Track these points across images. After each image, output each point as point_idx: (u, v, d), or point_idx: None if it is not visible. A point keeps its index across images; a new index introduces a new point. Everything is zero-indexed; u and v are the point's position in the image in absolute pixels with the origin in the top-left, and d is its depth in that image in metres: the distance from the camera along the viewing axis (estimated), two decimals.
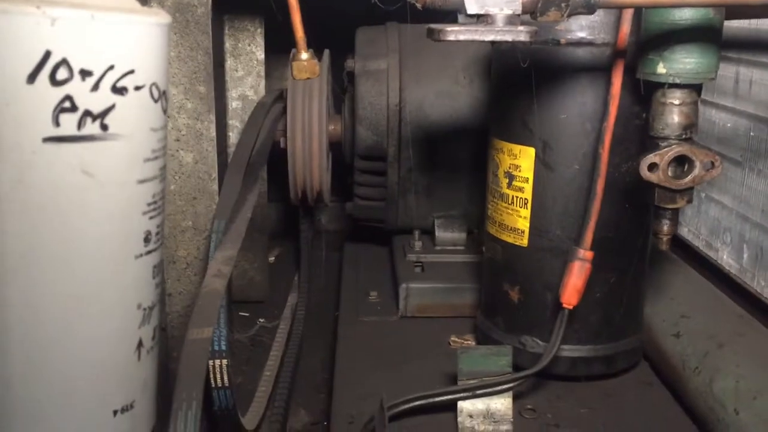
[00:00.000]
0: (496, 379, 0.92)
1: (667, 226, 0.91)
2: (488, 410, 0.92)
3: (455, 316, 1.22)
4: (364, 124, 1.32)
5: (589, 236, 0.93)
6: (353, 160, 1.38)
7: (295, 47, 0.84)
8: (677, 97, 0.84)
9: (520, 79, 0.98)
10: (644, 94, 0.87)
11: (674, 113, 0.85)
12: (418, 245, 1.36)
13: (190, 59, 1.08)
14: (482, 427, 0.92)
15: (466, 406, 0.92)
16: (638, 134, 0.95)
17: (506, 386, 0.92)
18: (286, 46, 1.36)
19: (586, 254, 0.93)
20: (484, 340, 1.09)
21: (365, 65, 1.33)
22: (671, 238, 0.92)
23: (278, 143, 1.34)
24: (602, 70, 0.92)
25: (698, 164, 0.85)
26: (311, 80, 1.32)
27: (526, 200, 1.00)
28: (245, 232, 0.90)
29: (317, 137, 1.31)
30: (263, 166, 1.08)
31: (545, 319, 1.00)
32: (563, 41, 0.94)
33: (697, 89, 0.86)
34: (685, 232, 1.47)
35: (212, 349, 0.88)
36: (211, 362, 0.88)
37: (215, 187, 1.13)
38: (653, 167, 0.85)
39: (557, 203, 0.98)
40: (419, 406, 0.92)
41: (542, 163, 0.98)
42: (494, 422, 0.92)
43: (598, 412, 0.97)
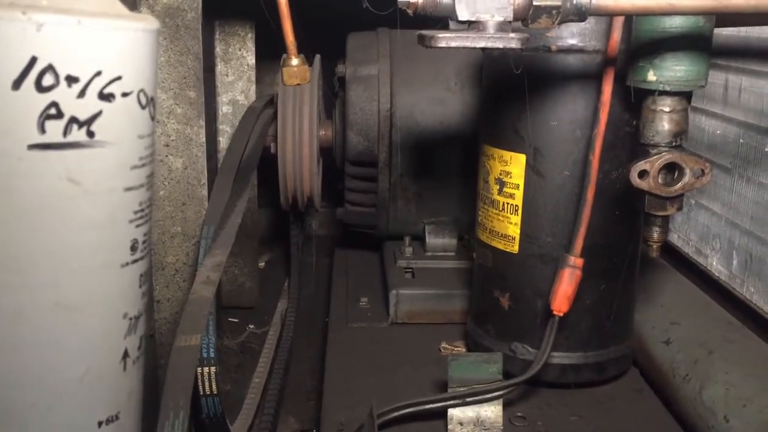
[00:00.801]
0: (486, 386, 0.91)
1: (657, 233, 0.91)
2: (478, 418, 0.92)
3: (446, 322, 1.22)
4: (354, 129, 1.32)
5: (579, 243, 0.93)
6: (344, 165, 1.38)
7: (285, 53, 0.83)
8: (667, 104, 0.84)
9: (511, 85, 0.98)
10: (634, 101, 0.87)
11: (664, 121, 0.85)
12: (408, 251, 1.36)
13: (179, 64, 1.07)
14: None
15: (456, 413, 0.92)
16: (629, 141, 0.96)
17: (496, 394, 0.92)
18: (277, 51, 1.36)
19: (576, 261, 0.93)
20: (474, 346, 1.09)
21: (356, 71, 1.33)
22: (661, 245, 0.92)
23: (269, 148, 1.33)
24: (593, 77, 0.92)
25: (688, 171, 0.85)
26: (302, 85, 1.32)
27: (516, 207, 1.00)
28: (235, 238, 0.89)
29: (308, 142, 1.30)
30: (253, 171, 1.08)
31: (535, 326, 1.00)
32: (554, 48, 0.94)
33: (687, 97, 0.86)
34: (675, 238, 1.47)
35: (200, 356, 0.87)
36: (199, 370, 0.87)
37: (205, 192, 1.13)
38: (643, 174, 0.85)
39: (548, 210, 0.98)
40: (409, 413, 0.92)
41: (533, 169, 0.98)
42: (484, 430, 0.92)
43: (588, 419, 0.97)
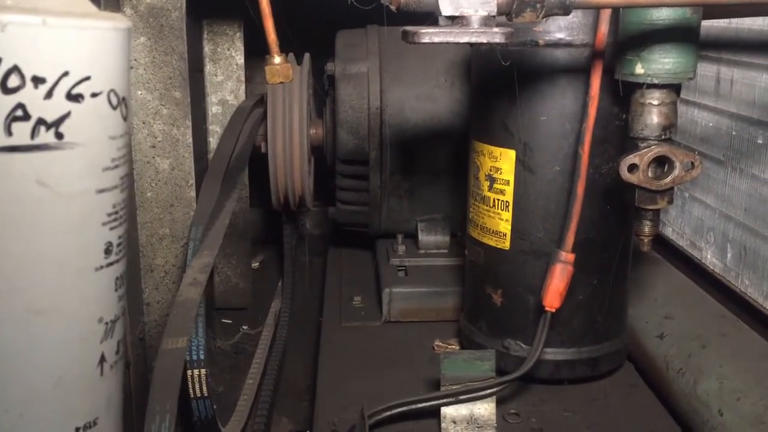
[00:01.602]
0: (479, 384, 0.91)
1: (648, 227, 0.90)
2: (472, 415, 0.91)
3: (439, 320, 1.21)
4: (345, 127, 1.31)
5: (570, 238, 0.92)
6: (335, 164, 1.37)
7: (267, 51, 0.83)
8: (656, 97, 0.84)
9: (499, 81, 0.97)
10: (623, 94, 0.86)
11: (653, 114, 0.84)
12: (401, 249, 1.35)
13: (164, 64, 1.06)
14: None
15: (449, 411, 0.91)
16: (619, 135, 0.95)
17: (490, 391, 0.91)
18: (266, 50, 1.35)
19: (567, 257, 0.92)
20: (467, 344, 1.08)
21: (345, 68, 1.32)
22: (653, 239, 0.91)
23: (259, 148, 1.32)
24: (581, 71, 0.92)
25: (678, 165, 0.85)
26: (291, 84, 1.31)
27: (507, 203, 0.99)
28: (223, 238, 0.88)
29: (298, 141, 1.30)
30: (243, 171, 1.07)
31: (528, 322, 0.99)
32: (542, 42, 0.93)
33: (675, 89, 0.85)
34: (669, 232, 1.47)
35: (190, 358, 0.87)
36: (189, 372, 0.87)
37: (192, 193, 1.12)
38: (633, 168, 0.84)
39: (539, 205, 0.98)
40: (402, 412, 0.91)
41: (523, 165, 0.98)
42: (478, 427, 0.91)
43: (582, 415, 0.96)
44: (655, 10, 0.80)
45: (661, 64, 0.82)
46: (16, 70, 0.47)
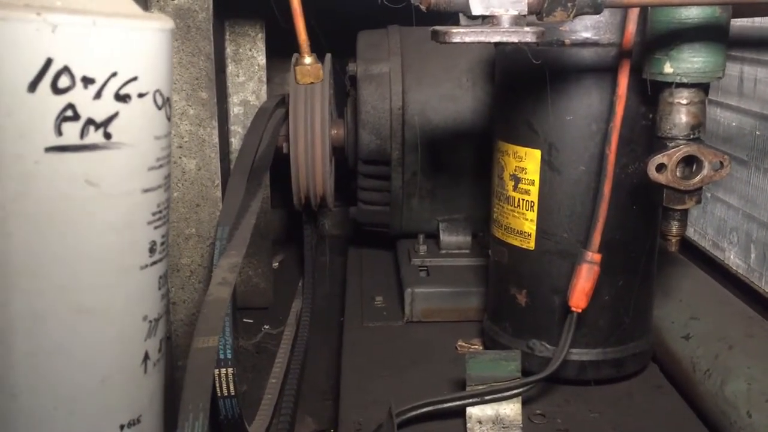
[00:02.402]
0: (505, 384, 0.91)
1: (676, 227, 0.90)
2: (497, 416, 0.91)
3: (461, 320, 1.21)
4: (366, 128, 1.32)
5: (596, 238, 0.92)
6: (356, 164, 1.37)
7: (296, 51, 0.83)
8: (685, 96, 0.83)
9: (525, 80, 0.97)
10: (651, 94, 0.86)
11: (682, 113, 0.84)
12: (422, 249, 1.35)
13: (191, 65, 1.07)
14: None
15: (475, 412, 0.91)
16: (645, 135, 0.94)
17: (515, 391, 0.91)
18: (286, 50, 1.35)
19: (594, 257, 0.92)
20: (491, 344, 1.08)
21: (367, 69, 1.32)
22: (680, 239, 0.91)
23: (281, 148, 1.33)
24: (608, 70, 0.91)
25: (707, 164, 0.84)
26: (313, 85, 1.31)
27: (532, 203, 0.99)
28: (249, 238, 0.89)
29: (320, 142, 1.30)
30: (267, 171, 1.07)
31: (553, 322, 0.99)
32: (568, 42, 0.93)
33: (704, 88, 0.85)
34: (691, 232, 1.46)
35: (218, 357, 0.87)
36: (216, 371, 0.87)
37: (218, 193, 1.12)
38: (661, 168, 0.84)
39: (564, 205, 0.97)
40: (427, 412, 0.91)
41: (548, 165, 0.97)
42: (504, 428, 0.91)
43: (607, 416, 0.96)
44: (684, 9, 0.80)
45: (690, 63, 0.81)
46: (66, 71, 0.47)
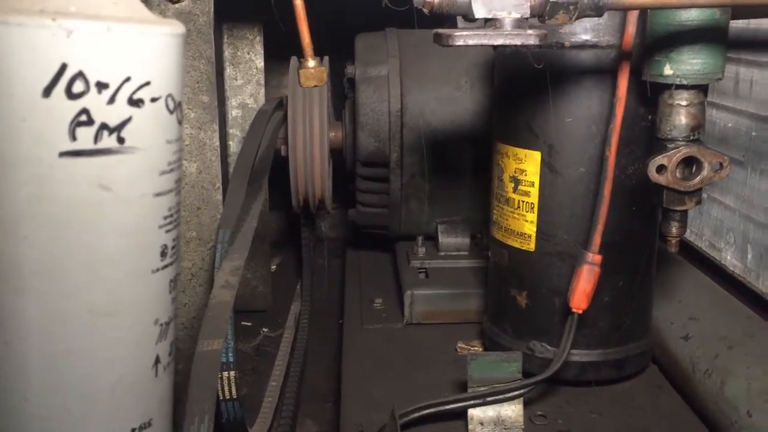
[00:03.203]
0: (506, 385, 0.91)
1: (676, 228, 0.90)
2: (499, 417, 0.91)
3: (461, 322, 1.21)
4: (365, 130, 1.32)
5: (597, 239, 0.92)
6: (355, 166, 1.37)
7: (296, 54, 0.83)
8: (684, 98, 0.84)
9: (524, 82, 0.97)
10: (651, 95, 0.86)
11: (681, 114, 0.84)
12: (421, 251, 1.35)
13: (192, 68, 1.07)
14: None
15: (476, 413, 0.91)
16: (645, 136, 0.95)
17: (517, 393, 0.91)
18: (283, 53, 1.36)
19: (594, 258, 0.92)
20: (491, 346, 1.08)
21: (366, 71, 1.33)
22: (680, 240, 0.91)
23: (279, 151, 1.33)
24: (607, 72, 0.92)
25: (707, 165, 0.85)
26: (312, 89, 1.31)
27: (532, 204, 1.00)
28: (251, 241, 0.89)
29: (318, 144, 1.30)
30: (266, 174, 1.08)
31: (553, 324, 0.99)
32: (567, 44, 0.93)
33: (703, 90, 0.85)
34: (688, 233, 1.46)
35: (221, 361, 0.87)
36: (219, 374, 0.87)
37: (219, 197, 1.12)
38: (661, 169, 0.84)
39: (564, 207, 0.98)
40: (429, 414, 0.92)
41: (548, 166, 0.98)
42: (505, 429, 0.91)
43: (608, 416, 0.96)
44: (684, 11, 0.81)
45: (689, 65, 0.82)
46: (80, 76, 0.47)
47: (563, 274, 0.97)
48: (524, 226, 1.01)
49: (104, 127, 0.48)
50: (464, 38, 0.68)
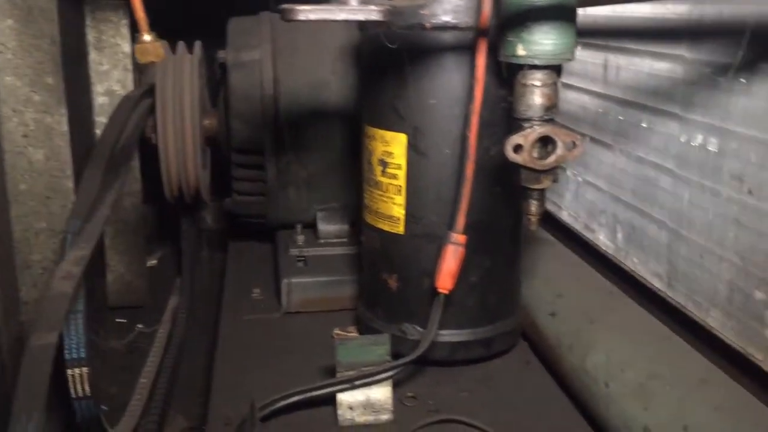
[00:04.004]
0: (374, 368, 0.91)
1: (535, 206, 0.91)
2: (368, 400, 0.91)
3: (340, 309, 1.20)
4: (238, 116, 1.28)
5: (461, 220, 0.93)
6: (230, 154, 1.34)
7: (167, 39, 0.78)
8: (538, 78, 0.85)
9: (388, 65, 0.97)
10: (507, 76, 0.88)
11: (536, 94, 0.85)
12: (300, 239, 1.33)
13: (34, 49, 1.00)
14: (362, 418, 0.91)
15: (345, 398, 0.91)
16: (506, 117, 0.96)
17: (385, 375, 0.91)
18: (162, 37, 1.30)
19: (459, 238, 0.93)
20: (365, 330, 1.08)
21: (238, 56, 1.29)
22: (540, 218, 0.93)
23: (150, 139, 1.28)
24: (468, 53, 0.92)
25: (561, 144, 0.86)
26: (182, 73, 1.27)
27: (400, 187, 0.99)
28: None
29: (190, 132, 1.26)
30: (128, 162, 1.03)
31: (424, 305, 0.99)
32: (428, 26, 0.93)
33: (557, 70, 0.87)
34: (565, 215, 1.51)
35: (70, 357, 0.83)
36: (70, 371, 0.83)
37: (71, 185, 1.06)
38: (518, 148, 0.85)
39: (431, 189, 0.98)
40: (297, 401, 0.90)
41: (414, 149, 0.98)
42: (374, 412, 0.91)
43: (477, 394, 0.97)
44: None
45: (541, 45, 0.83)
46: None
47: (432, 255, 0.97)
48: (393, 208, 1.01)
49: None
50: (305, 13, 0.66)
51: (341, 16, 0.67)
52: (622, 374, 0.90)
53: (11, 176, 1.03)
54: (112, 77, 1.32)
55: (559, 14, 0.83)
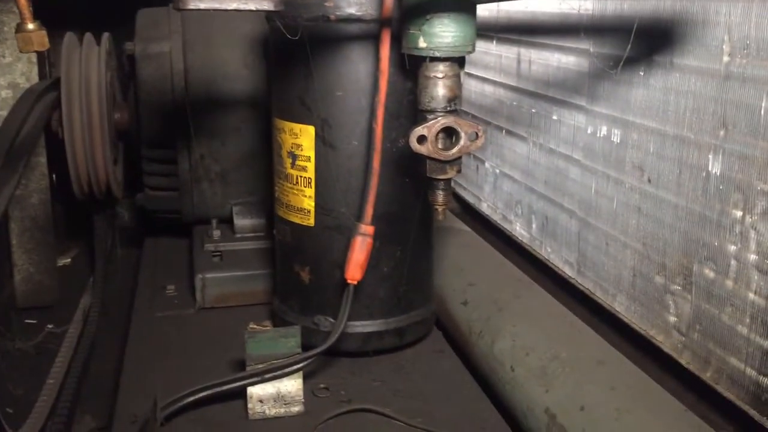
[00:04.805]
0: (284, 361, 0.90)
1: (441, 196, 0.92)
2: (279, 393, 0.91)
3: (256, 303, 1.20)
4: (147, 110, 1.26)
5: (369, 211, 0.93)
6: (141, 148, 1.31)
7: (75, 30, 0.75)
8: (440, 70, 0.86)
9: (295, 57, 0.96)
10: (410, 68, 0.88)
11: (438, 86, 0.86)
12: (216, 234, 1.32)
13: None
14: (273, 410, 0.91)
15: (255, 391, 0.90)
16: (412, 109, 0.97)
17: (295, 367, 0.91)
18: (66, 29, 1.26)
19: (367, 229, 0.93)
20: (280, 323, 1.07)
21: (146, 48, 1.26)
22: (447, 207, 0.94)
23: (56, 134, 1.24)
24: (373, 45, 0.93)
25: (464, 135, 0.88)
26: (89, 66, 1.24)
27: (309, 179, 0.99)
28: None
29: (98, 126, 1.22)
30: (26, 156, 0.99)
31: (336, 297, 1.00)
32: (333, 18, 0.93)
33: (459, 62, 0.88)
34: (484, 207, 1.54)
35: None
36: None
37: None
38: (422, 140, 0.86)
39: (340, 181, 0.98)
40: (205, 396, 0.89)
41: (322, 141, 0.98)
42: (285, 404, 0.91)
43: (389, 383, 0.98)
44: None
45: (441, 38, 0.84)
46: None
47: (342, 247, 0.98)
48: (303, 201, 1.00)
49: None
50: (195, 2, 0.65)
51: (232, 5, 0.66)
52: (526, 358, 0.92)
53: None
54: (15, 70, 1.27)
55: (458, 7, 0.84)
